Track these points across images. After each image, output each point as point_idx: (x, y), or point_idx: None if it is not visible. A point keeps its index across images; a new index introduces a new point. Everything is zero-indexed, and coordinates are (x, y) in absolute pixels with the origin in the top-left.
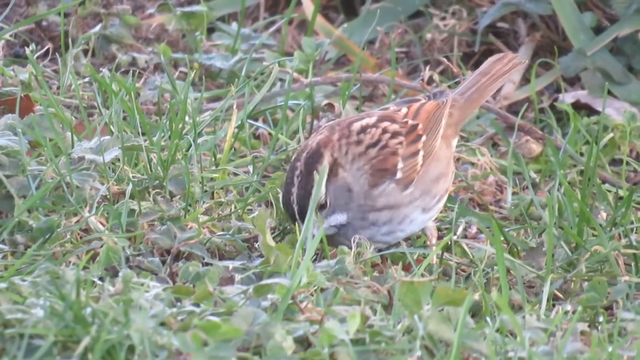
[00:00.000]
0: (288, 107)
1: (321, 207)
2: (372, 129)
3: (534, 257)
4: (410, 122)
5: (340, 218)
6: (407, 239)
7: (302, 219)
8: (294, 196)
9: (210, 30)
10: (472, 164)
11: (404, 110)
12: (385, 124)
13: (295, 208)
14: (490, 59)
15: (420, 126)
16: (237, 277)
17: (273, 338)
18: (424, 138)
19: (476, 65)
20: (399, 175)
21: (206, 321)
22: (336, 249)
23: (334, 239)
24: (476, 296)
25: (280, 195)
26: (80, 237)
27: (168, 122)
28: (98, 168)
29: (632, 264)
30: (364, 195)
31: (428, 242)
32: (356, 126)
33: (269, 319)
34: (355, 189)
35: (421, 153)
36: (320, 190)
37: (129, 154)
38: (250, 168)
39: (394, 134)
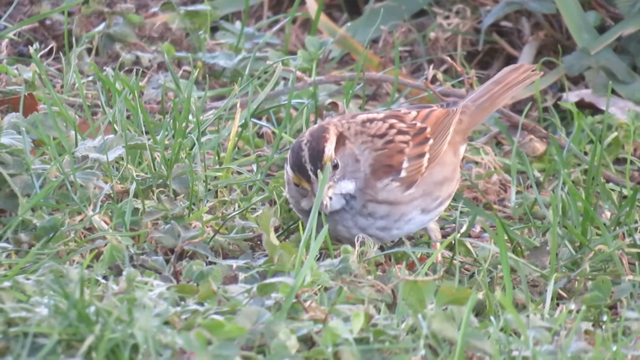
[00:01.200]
0: (292, 105)
1: (334, 167)
2: (378, 122)
3: (537, 256)
4: (419, 124)
5: (349, 186)
6: (410, 238)
7: (317, 176)
8: (306, 157)
9: (214, 29)
10: (476, 162)
11: (414, 113)
12: (393, 120)
13: (309, 167)
14: (506, 69)
15: (428, 130)
16: (241, 276)
17: (277, 337)
18: (431, 141)
19: (480, 64)
20: (403, 174)
21: (210, 320)
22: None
23: (334, 227)
24: (480, 295)
25: (288, 164)
26: (84, 236)
27: (172, 121)
28: (102, 167)
29: (636, 263)
30: (365, 181)
31: (432, 244)
32: (362, 117)
33: (273, 317)
34: (362, 159)
35: (427, 156)
36: (331, 150)
37: (132, 153)
38: (254, 167)
39: (401, 132)
